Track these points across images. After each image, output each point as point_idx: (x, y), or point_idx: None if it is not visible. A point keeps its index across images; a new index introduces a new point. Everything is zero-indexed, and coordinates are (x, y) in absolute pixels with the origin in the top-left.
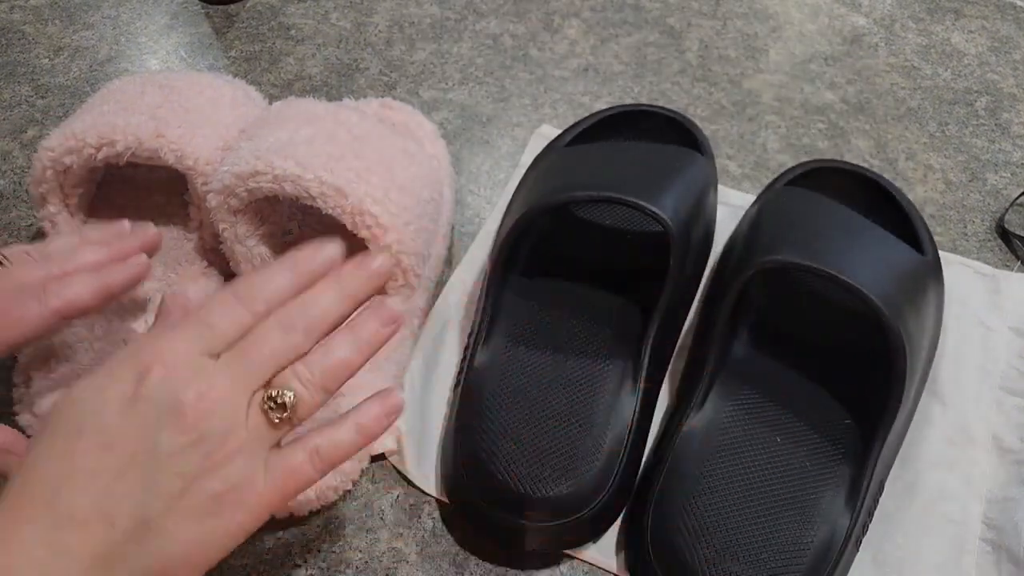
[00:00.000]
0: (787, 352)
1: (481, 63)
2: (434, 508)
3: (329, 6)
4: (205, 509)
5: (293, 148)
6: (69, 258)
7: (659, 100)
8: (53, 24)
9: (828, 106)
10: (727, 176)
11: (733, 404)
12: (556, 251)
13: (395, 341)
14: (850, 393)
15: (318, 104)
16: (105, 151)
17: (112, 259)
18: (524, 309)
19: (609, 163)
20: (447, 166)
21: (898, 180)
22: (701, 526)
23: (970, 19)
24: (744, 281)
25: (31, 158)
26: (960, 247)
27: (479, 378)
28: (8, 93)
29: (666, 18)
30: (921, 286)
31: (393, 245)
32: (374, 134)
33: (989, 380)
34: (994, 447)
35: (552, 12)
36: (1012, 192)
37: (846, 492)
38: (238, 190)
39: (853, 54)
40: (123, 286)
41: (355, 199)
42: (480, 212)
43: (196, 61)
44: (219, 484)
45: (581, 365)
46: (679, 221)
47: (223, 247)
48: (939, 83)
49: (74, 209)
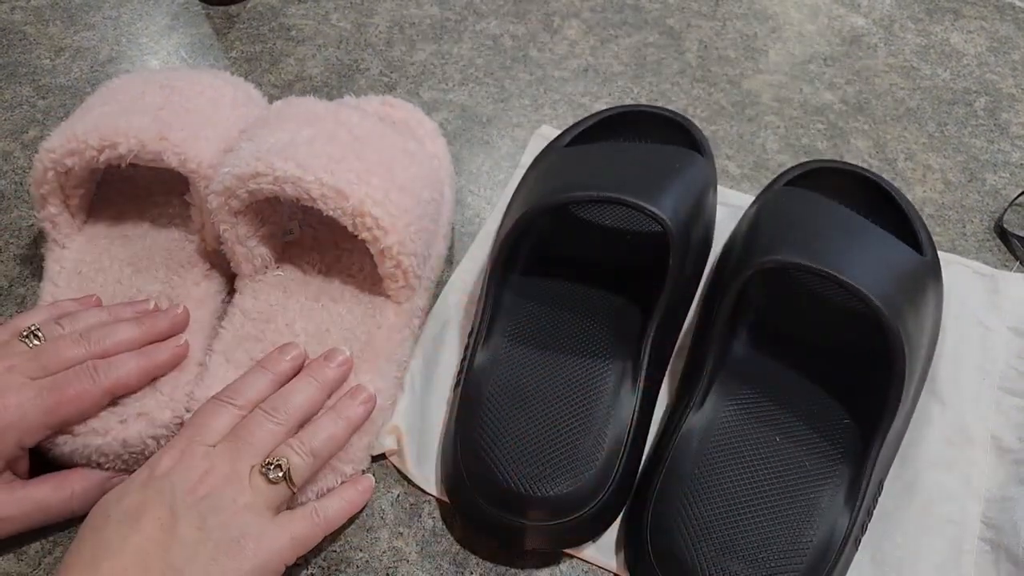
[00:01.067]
0: (786, 352)
1: (481, 64)
2: (434, 507)
3: (329, 7)
4: (223, 550)
5: (294, 149)
6: (106, 334)
7: (659, 101)
8: (54, 25)
9: (827, 106)
10: (727, 176)
11: (732, 404)
12: (556, 251)
13: (395, 342)
14: (849, 393)
15: (319, 103)
16: (107, 153)
17: (148, 338)
18: (524, 309)
19: (609, 163)
20: (448, 165)
21: (897, 180)
22: (700, 525)
23: (969, 19)
24: (743, 281)
25: (32, 159)
26: (959, 247)
27: (479, 378)
28: (9, 93)
29: (666, 19)
30: (920, 286)
31: (394, 247)
32: (375, 134)
33: (988, 380)
34: (993, 447)
35: (552, 13)
36: (1011, 192)
37: (845, 491)
38: (239, 191)
39: (852, 54)
40: (167, 367)
41: (356, 201)
42: (480, 212)
43: (197, 62)
44: (235, 531)
45: (581, 365)
46: (679, 221)
47: (224, 248)
48: (938, 83)
49: (75, 210)
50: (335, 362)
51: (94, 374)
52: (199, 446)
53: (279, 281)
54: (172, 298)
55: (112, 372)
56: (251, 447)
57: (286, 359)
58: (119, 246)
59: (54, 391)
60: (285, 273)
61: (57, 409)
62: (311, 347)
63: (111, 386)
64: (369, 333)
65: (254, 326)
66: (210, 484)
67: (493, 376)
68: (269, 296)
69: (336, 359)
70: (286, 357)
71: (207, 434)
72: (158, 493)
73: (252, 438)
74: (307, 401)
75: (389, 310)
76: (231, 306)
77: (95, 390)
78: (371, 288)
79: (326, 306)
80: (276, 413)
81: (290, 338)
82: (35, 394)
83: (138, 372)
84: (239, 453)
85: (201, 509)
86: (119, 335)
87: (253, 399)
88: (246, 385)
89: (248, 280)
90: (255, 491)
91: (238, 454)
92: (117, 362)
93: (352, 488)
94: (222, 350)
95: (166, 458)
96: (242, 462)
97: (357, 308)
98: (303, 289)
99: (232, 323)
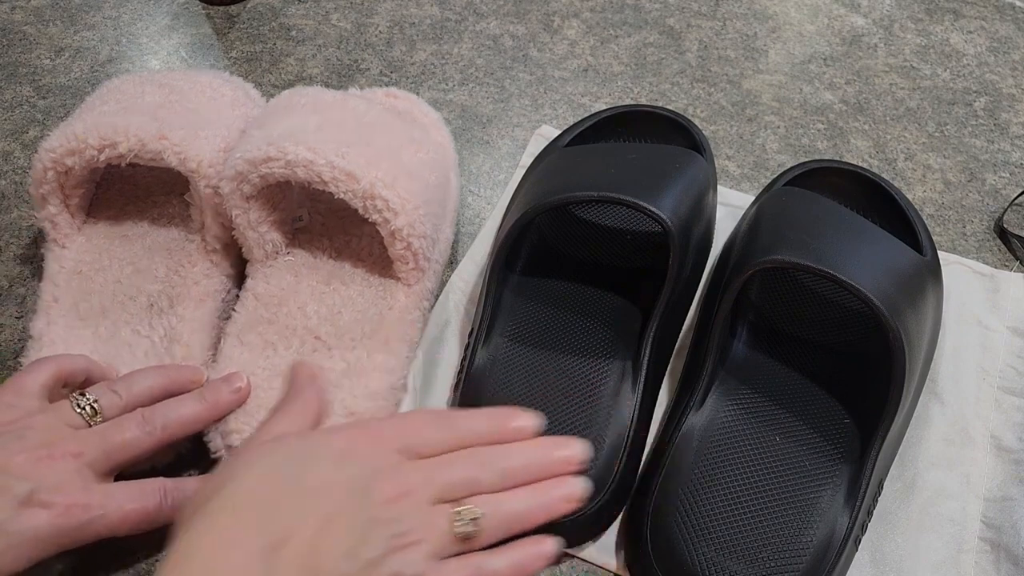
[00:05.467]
0: (786, 352)
1: (481, 64)
2: None
3: (330, 7)
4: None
5: (304, 135)
6: (170, 417)
7: (659, 100)
8: (54, 25)
9: (827, 106)
10: (727, 176)
11: (732, 403)
12: (556, 251)
13: (407, 323)
14: (849, 393)
15: (326, 92)
16: (107, 152)
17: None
18: (524, 309)
19: (609, 163)
20: (452, 153)
21: (897, 180)
22: (700, 525)
23: (969, 19)
24: (743, 281)
25: (32, 159)
26: (959, 247)
27: (479, 378)
28: (9, 93)
29: (666, 19)
30: (920, 286)
31: (404, 229)
32: (382, 121)
33: (988, 380)
34: (992, 446)
35: (552, 13)
36: (1011, 192)
37: (845, 491)
38: (251, 176)
39: (852, 55)
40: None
41: (366, 184)
42: (480, 212)
43: (197, 62)
44: (400, 567)
45: (581, 365)
46: (679, 221)
47: (235, 233)
48: (938, 83)
49: (74, 209)
50: (568, 452)
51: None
52: (402, 452)
53: (290, 266)
54: (172, 297)
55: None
56: (449, 481)
57: (513, 424)
58: (119, 246)
59: None
60: (296, 258)
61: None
62: (323, 328)
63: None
64: (380, 315)
65: (267, 309)
66: (398, 499)
67: (493, 376)
68: (280, 280)
69: (571, 448)
70: (513, 423)
71: (415, 443)
72: (350, 478)
73: (456, 474)
74: (522, 471)
75: (399, 292)
76: (243, 291)
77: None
78: (381, 271)
79: (337, 289)
80: (490, 467)
81: (302, 320)
82: None
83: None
84: (432, 481)
85: (379, 518)
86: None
87: (468, 440)
88: (470, 422)
89: (260, 265)
90: (436, 533)
91: (431, 481)
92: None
93: (531, 549)
94: (236, 333)
95: (367, 444)
96: (431, 492)
97: (368, 291)
98: (314, 273)
99: (245, 307)
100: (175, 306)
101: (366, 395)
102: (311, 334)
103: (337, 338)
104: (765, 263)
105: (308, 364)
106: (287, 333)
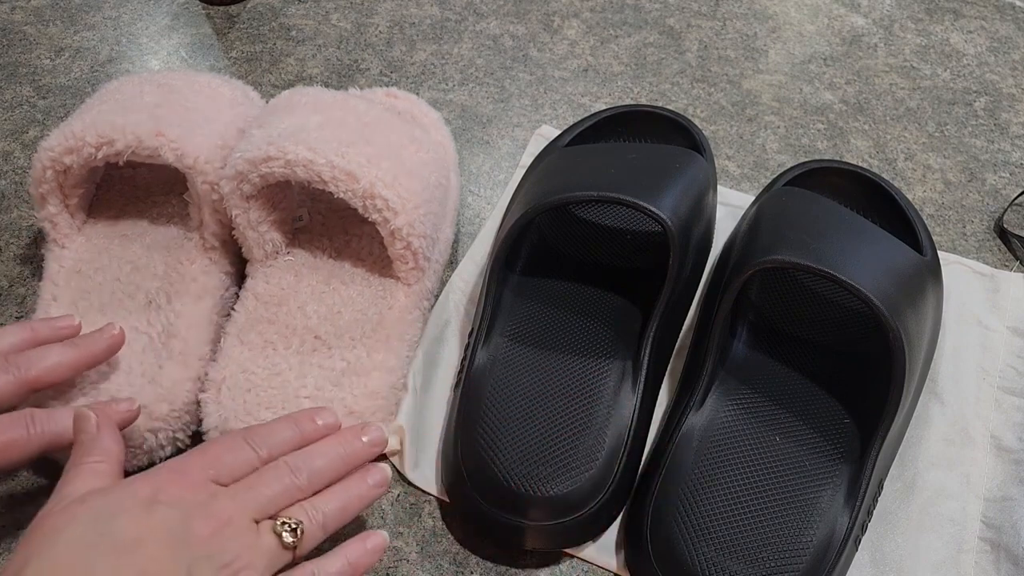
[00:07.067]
0: (786, 352)
1: (481, 64)
2: (434, 507)
3: (330, 7)
4: None
5: (305, 134)
6: (35, 362)
7: (659, 100)
8: (54, 25)
9: (827, 106)
10: (727, 176)
11: (732, 404)
12: (556, 251)
13: (407, 323)
14: (849, 393)
15: (326, 92)
16: (105, 150)
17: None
18: (524, 309)
19: (609, 163)
20: (452, 152)
21: (897, 180)
22: (700, 525)
23: (969, 19)
24: (743, 281)
25: (32, 158)
26: (959, 247)
27: (479, 378)
28: (10, 93)
29: (666, 19)
30: (920, 286)
31: (403, 228)
32: (382, 121)
33: (988, 380)
34: (992, 446)
35: (552, 13)
36: (1011, 192)
37: (845, 491)
38: (251, 175)
39: (852, 55)
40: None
41: (366, 183)
42: (480, 212)
43: (197, 62)
44: None
45: (581, 365)
46: (679, 221)
47: (235, 233)
48: (938, 83)
49: (74, 209)
50: (368, 437)
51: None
52: (211, 483)
53: (290, 265)
54: (171, 294)
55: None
56: (264, 499)
57: (318, 423)
58: (118, 245)
59: None
60: (296, 258)
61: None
62: (323, 328)
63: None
64: (380, 314)
65: (266, 309)
66: (218, 531)
67: (493, 376)
68: (280, 280)
69: (371, 434)
70: (318, 421)
71: (222, 471)
72: (162, 523)
73: (269, 490)
74: (329, 468)
75: (399, 292)
76: (243, 290)
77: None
78: (381, 271)
79: (337, 289)
80: (299, 473)
81: (302, 320)
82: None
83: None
84: (248, 503)
85: (202, 555)
86: (50, 359)
87: (276, 451)
88: (273, 434)
89: (260, 265)
90: (263, 551)
91: (247, 504)
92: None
93: (360, 546)
94: (236, 332)
95: (173, 484)
96: (249, 514)
97: (368, 290)
98: (314, 273)
99: (245, 306)
100: (172, 302)
101: (366, 394)
102: (311, 334)
103: (337, 337)
104: (765, 263)
105: (83, 409)
106: (287, 333)
